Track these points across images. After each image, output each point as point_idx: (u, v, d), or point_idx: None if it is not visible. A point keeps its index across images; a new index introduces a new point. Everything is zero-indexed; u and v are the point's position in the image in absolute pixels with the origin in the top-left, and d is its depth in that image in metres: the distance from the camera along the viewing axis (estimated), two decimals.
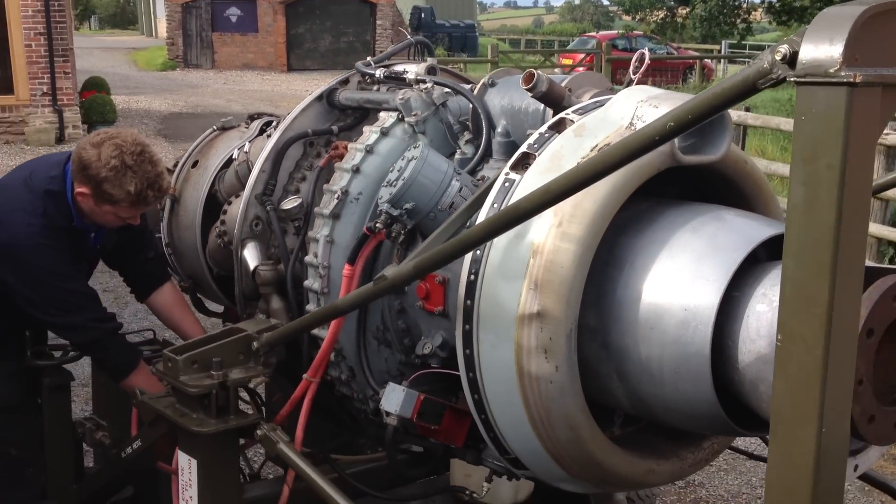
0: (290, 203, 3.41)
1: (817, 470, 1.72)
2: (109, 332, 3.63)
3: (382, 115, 3.43)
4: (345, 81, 3.73)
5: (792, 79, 1.70)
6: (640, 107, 2.89)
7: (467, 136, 3.31)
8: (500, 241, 2.79)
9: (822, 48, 1.66)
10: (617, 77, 26.54)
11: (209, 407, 3.19)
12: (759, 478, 6.00)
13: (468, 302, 2.82)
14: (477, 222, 2.83)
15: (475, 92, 3.35)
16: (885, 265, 2.66)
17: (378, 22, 35.54)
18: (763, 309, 2.57)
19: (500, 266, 2.78)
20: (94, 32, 72.76)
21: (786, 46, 1.74)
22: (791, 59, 1.70)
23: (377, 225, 3.09)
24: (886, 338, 2.61)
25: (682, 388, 2.67)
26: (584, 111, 3.00)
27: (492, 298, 2.78)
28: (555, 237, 2.72)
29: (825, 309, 1.69)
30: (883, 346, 2.62)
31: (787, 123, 12.00)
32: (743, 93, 1.79)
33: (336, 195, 3.24)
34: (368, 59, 3.73)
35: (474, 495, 3.41)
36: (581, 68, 27.70)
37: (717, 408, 2.64)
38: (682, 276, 2.68)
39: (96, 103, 18.46)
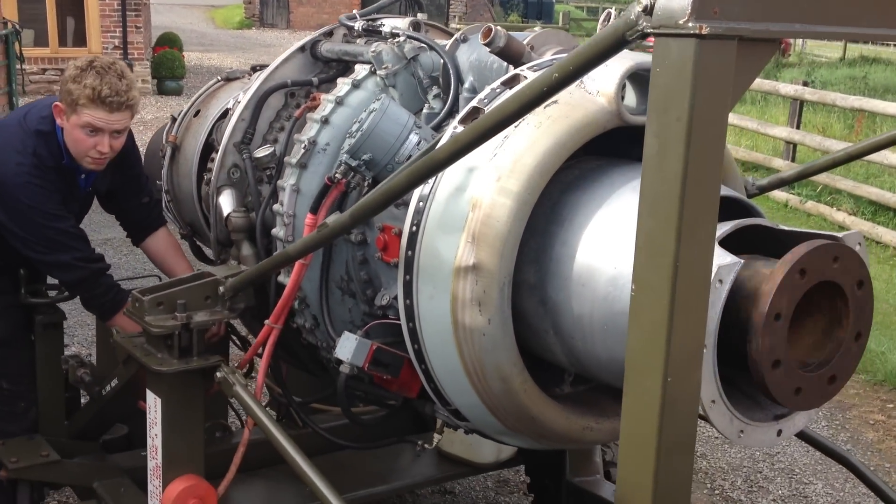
0: (261, 151, 3.47)
1: (662, 419, 1.73)
2: (95, 272, 3.73)
3: (357, 67, 3.47)
4: (329, 34, 3.78)
5: (648, 30, 1.70)
6: None
7: (436, 90, 3.34)
8: (441, 194, 2.82)
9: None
10: None
11: (172, 348, 3.29)
12: (763, 452, 5.96)
13: (409, 253, 2.86)
14: None
15: (447, 48, 3.36)
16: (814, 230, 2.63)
17: None
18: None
19: (441, 218, 2.81)
20: None
21: None
22: (650, 10, 1.70)
23: (336, 175, 3.13)
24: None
25: (610, 345, 2.69)
26: (538, 67, 3.00)
27: (431, 250, 2.82)
28: (493, 191, 2.73)
29: (672, 259, 1.69)
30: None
31: (842, 100, 11.69)
32: (614, 45, 1.78)
33: (303, 145, 3.30)
34: (354, 11, 3.76)
35: (426, 446, 3.45)
36: None
37: None
38: (615, 234, 2.68)
39: (166, 58, 18.76)
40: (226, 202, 3.57)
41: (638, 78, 2.97)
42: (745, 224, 2.66)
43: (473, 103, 2.91)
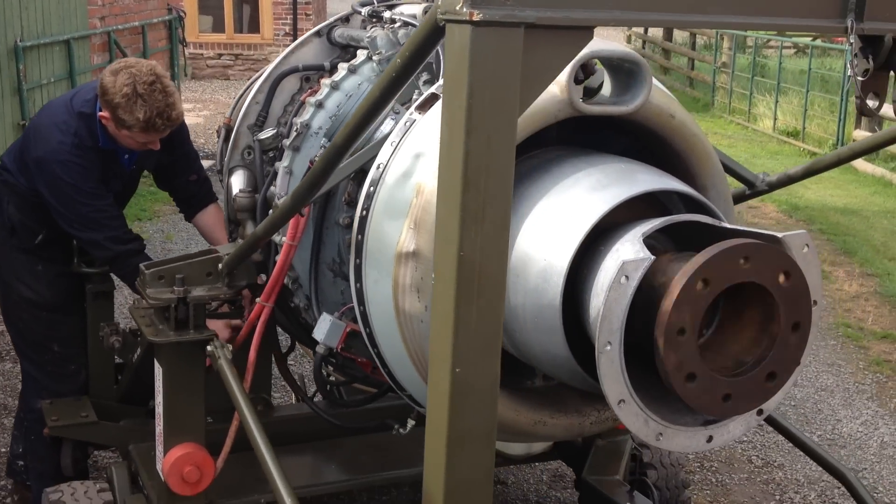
0: (265, 133, 3.57)
1: (452, 408, 1.72)
2: (124, 252, 3.91)
3: (359, 52, 3.52)
4: (346, 19, 3.84)
5: (440, 17, 1.68)
6: None
7: (426, 76, 3.35)
8: (389, 179, 2.84)
9: None
10: None
11: (169, 320, 3.44)
12: (849, 466, 5.66)
13: (359, 237, 2.89)
14: (378, 160, 2.90)
15: None
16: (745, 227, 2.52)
17: None
18: (610, 265, 2.50)
19: (388, 204, 2.83)
20: None
21: None
22: None
23: (316, 158, 3.20)
24: (729, 312, 2.50)
25: (540, 338, 2.65)
26: None
27: (377, 234, 2.84)
28: (435, 177, 2.73)
29: (456, 248, 1.67)
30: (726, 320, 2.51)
31: None
32: (434, 31, 1.76)
33: (296, 128, 3.38)
34: None
35: (401, 430, 3.47)
36: None
37: (572, 360, 2.61)
38: (549, 226, 2.64)
39: None
40: (236, 182, 3.69)
41: (615, 66, 2.91)
42: (680, 220, 2.57)
43: (433, 90, 2.92)
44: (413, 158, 2.79)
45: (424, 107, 2.89)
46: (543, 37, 1.64)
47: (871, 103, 2.39)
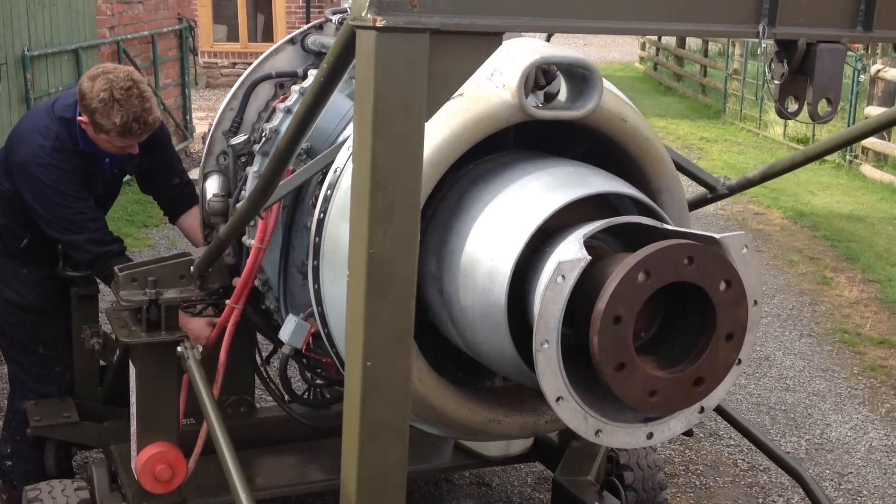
0: (237, 139, 3.65)
1: (364, 401, 1.78)
2: (104, 254, 3.98)
3: None
4: (320, 27, 3.92)
5: (350, 22, 1.74)
6: (501, 59, 2.90)
7: None
8: (345, 182, 2.91)
9: None
10: None
11: (141, 321, 3.52)
12: (833, 470, 5.68)
13: (317, 239, 2.96)
14: (335, 164, 2.97)
15: None
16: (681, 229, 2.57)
17: None
18: (551, 266, 2.55)
19: (343, 206, 2.89)
20: None
21: None
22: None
23: None
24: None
25: (489, 337, 2.71)
26: None
27: (333, 237, 2.91)
28: None
29: (366, 246, 1.73)
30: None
31: None
32: (351, 37, 1.82)
33: (265, 133, 3.45)
34: (344, 5, 3.88)
35: None
36: None
37: (518, 359, 2.66)
38: (496, 228, 2.70)
39: None
40: (210, 187, 3.77)
41: (569, 72, 2.97)
42: (622, 222, 2.62)
43: None
44: None
45: None
46: (450, 43, 1.70)
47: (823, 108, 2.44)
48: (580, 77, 2.89)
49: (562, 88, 3.01)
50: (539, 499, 5.22)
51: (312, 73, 3.60)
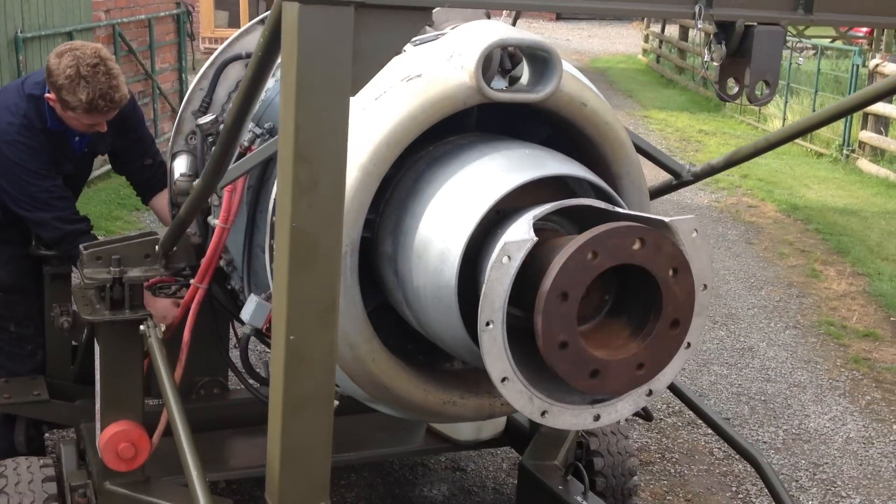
0: (204, 119, 3.64)
1: (288, 377, 1.78)
2: (71, 233, 3.99)
3: None
4: None
5: None
6: (461, 41, 2.90)
7: None
8: None
9: None
10: None
11: (105, 299, 3.52)
12: (809, 461, 5.68)
13: (274, 218, 2.95)
14: None
15: None
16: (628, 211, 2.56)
17: None
18: (499, 246, 2.55)
19: None
20: None
21: None
22: None
23: (244, 143, 3.27)
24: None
25: (440, 319, 2.71)
26: (421, 42, 3.03)
27: None
28: None
29: (289, 219, 1.73)
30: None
31: None
32: (279, 8, 1.81)
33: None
34: None
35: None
36: None
37: (468, 340, 2.67)
38: (448, 209, 2.70)
39: None
40: (178, 167, 3.77)
41: (530, 55, 2.96)
42: (572, 204, 2.62)
43: None
44: None
45: None
46: (375, 17, 1.70)
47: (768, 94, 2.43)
48: (541, 60, 2.88)
49: (524, 72, 3.00)
50: (513, 484, 5.22)
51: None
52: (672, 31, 23.21)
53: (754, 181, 12.69)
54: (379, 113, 2.78)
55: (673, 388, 4.17)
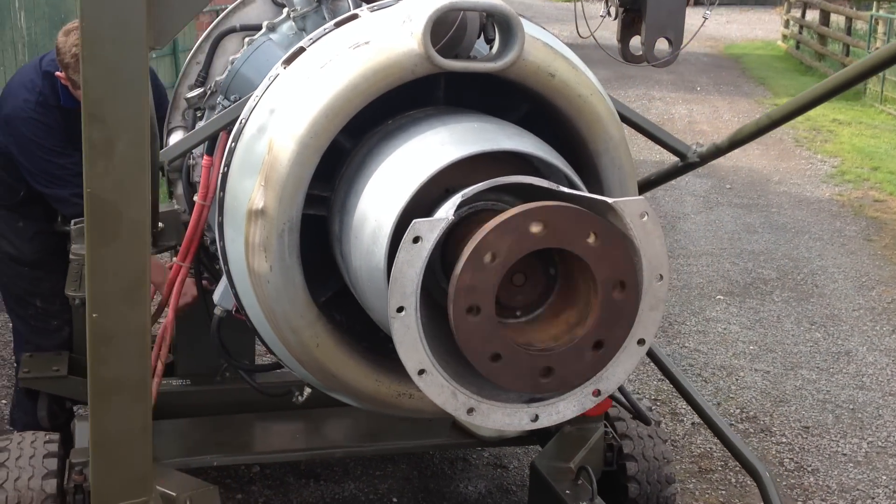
0: (192, 93, 3.53)
1: (94, 358, 1.62)
2: None
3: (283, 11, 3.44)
4: None
5: None
6: (416, 5, 2.67)
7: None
8: (246, 135, 2.74)
9: None
10: None
11: None
12: (890, 476, 5.22)
13: (221, 194, 2.81)
14: (241, 116, 2.81)
15: None
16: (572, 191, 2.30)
17: None
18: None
19: (243, 160, 2.73)
20: None
21: None
22: None
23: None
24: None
25: (375, 301, 2.52)
26: (379, 8, 2.82)
27: (233, 192, 2.75)
28: (282, 133, 2.62)
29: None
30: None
31: None
32: None
33: (210, 87, 3.33)
34: None
35: (300, 397, 3.37)
36: None
37: None
38: (384, 186, 2.50)
39: None
40: (173, 142, 3.66)
41: (495, 21, 2.70)
42: (506, 182, 2.37)
43: (302, 43, 2.80)
44: (268, 113, 2.69)
45: (290, 61, 2.77)
46: None
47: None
48: (503, 26, 2.63)
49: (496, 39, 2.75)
50: None
51: (283, 27, 3.44)
52: (812, 15, 22.17)
53: (885, 174, 11.93)
54: (320, 82, 2.59)
55: (676, 384, 3.90)
